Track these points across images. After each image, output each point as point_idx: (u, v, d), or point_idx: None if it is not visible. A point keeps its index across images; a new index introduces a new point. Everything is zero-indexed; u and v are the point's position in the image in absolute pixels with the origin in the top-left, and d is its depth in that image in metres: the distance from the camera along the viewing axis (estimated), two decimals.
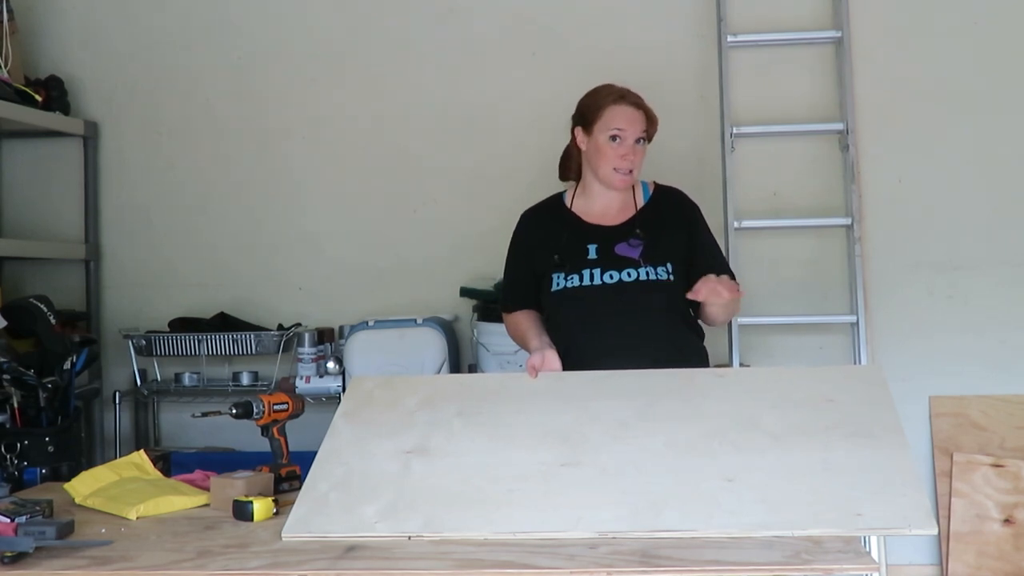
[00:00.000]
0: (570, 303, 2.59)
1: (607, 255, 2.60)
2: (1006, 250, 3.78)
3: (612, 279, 2.57)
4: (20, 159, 4.27)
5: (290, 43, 4.14)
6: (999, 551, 3.62)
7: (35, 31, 4.22)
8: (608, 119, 2.63)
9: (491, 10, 4.04)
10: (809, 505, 1.93)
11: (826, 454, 2.07)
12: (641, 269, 2.57)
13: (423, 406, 2.34)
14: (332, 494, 2.08)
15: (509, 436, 2.21)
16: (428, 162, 4.06)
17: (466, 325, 3.89)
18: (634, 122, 2.63)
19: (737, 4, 3.84)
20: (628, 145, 2.61)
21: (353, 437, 2.27)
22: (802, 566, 1.77)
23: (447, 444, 2.20)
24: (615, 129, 2.61)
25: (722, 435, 2.14)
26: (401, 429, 2.26)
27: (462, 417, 2.29)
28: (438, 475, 2.10)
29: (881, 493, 1.96)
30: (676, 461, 2.08)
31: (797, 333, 3.80)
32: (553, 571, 1.76)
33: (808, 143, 3.86)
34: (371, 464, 2.17)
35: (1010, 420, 3.72)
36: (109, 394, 4.02)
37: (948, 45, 3.81)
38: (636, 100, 2.66)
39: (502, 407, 2.32)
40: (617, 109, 2.63)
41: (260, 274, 4.14)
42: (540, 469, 2.09)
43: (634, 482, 2.03)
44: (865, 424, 2.16)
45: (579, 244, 2.63)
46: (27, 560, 1.85)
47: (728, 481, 2.01)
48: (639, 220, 2.66)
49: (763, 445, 2.10)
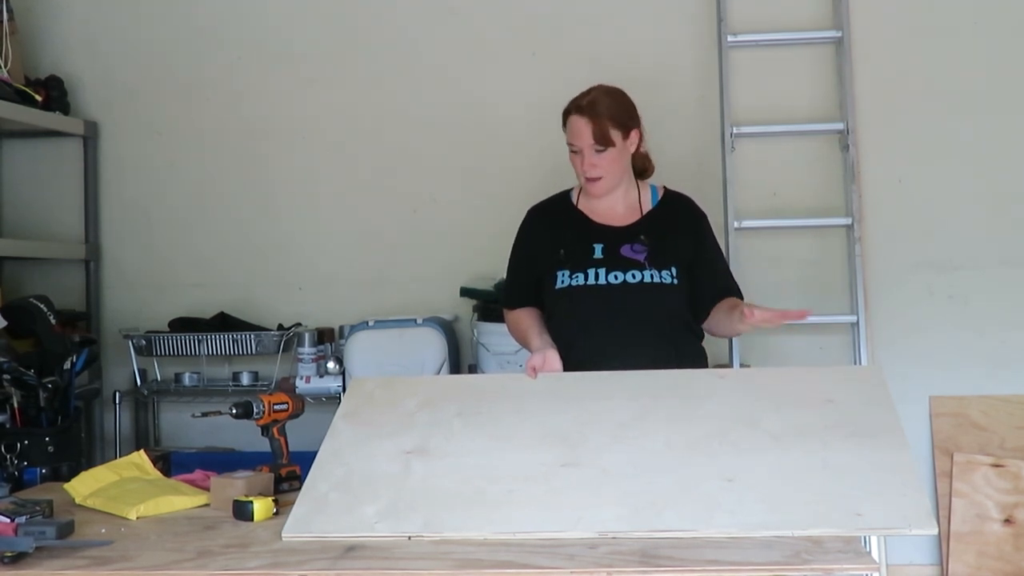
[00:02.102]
0: (573, 301, 2.60)
1: (613, 255, 2.61)
2: (1006, 250, 3.78)
3: (617, 279, 2.57)
4: (20, 159, 4.27)
5: (290, 43, 4.14)
6: (999, 551, 3.62)
7: (35, 31, 4.22)
8: (567, 131, 2.64)
9: (491, 10, 4.04)
10: (809, 505, 1.94)
11: (826, 454, 2.07)
12: (646, 271, 2.57)
13: (423, 407, 2.34)
14: (332, 494, 2.08)
15: (509, 436, 2.21)
16: (428, 162, 4.07)
17: (466, 325, 3.89)
18: (582, 134, 2.59)
19: (737, 4, 3.84)
20: (585, 155, 2.61)
21: (353, 438, 2.27)
22: (802, 566, 1.77)
23: (447, 444, 2.20)
24: (569, 144, 2.64)
25: (722, 435, 2.14)
26: (401, 430, 2.26)
27: (462, 417, 2.29)
28: (438, 475, 2.11)
29: (881, 493, 1.96)
30: (676, 461, 2.08)
31: (797, 333, 3.80)
32: (553, 571, 1.76)
33: (808, 143, 3.86)
34: (371, 464, 2.17)
35: (1010, 420, 3.72)
36: (109, 394, 4.02)
37: (948, 45, 3.81)
38: (585, 108, 2.59)
39: (502, 407, 2.32)
40: (571, 120, 2.62)
41: (260, 274, 4.14)
42: (540, 470, 2.09)
43: (634, 482, 2.03)
44: (865, 424, 2.16)
45: (585, 243, 2.63)
46: (27, 560, 1.85)
47: (728, 481, 2.01)
48: (645, 224, 2.66)
49: (763, 445, 2.10)
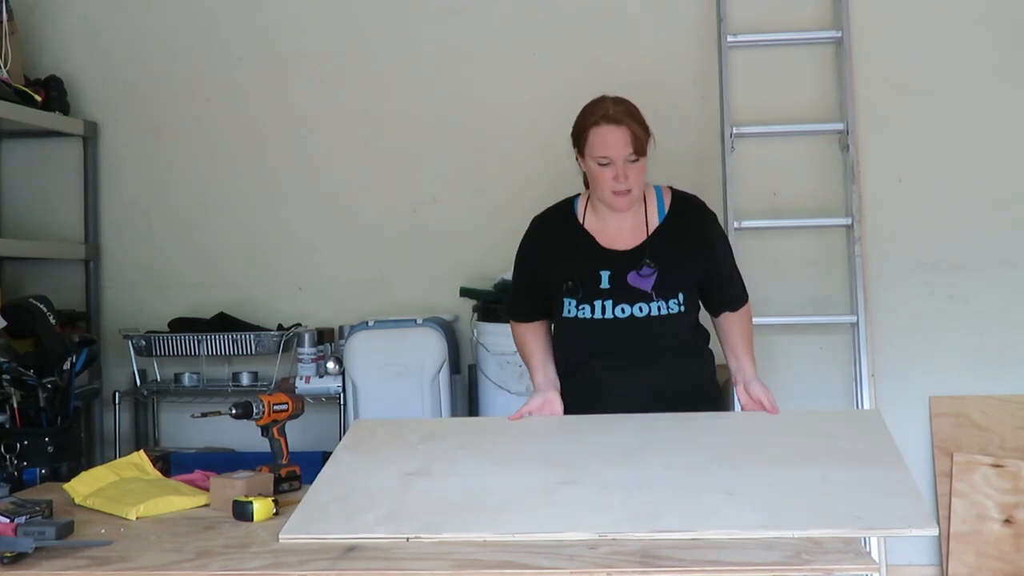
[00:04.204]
0: (580, 331, 2.57)
1: (619, 285, 2.54)
2: (1006, 250, 3.78)
3: (624, 313, 2.53)
4: (20, 159, 4.27)
5: (289, 43, 4.14)
6: (999, 551, 3.62)
7: (35, 31, 4.22)
8: (593, 144, 2.48)
9: (491, 10, 4.04)
10: (809, 509, 1.94)
11: (826, 472, 2.07)
12: (653, 304, 2.53)
13: (425, 440, 2.35)
14: (331, 505, 2.07)
15: (511, 461, 2.23)
16: (428, 162, 4.07)
17: (466, 325, 3.89)
18: (618, 143, 2.46)
19: (737, 4, 3.84)
20: (618, 167, 2.48)
21: (354, 463, 2.26)
22: (802, 566, 1.77)
23: (449, 468, 2.20)
24: (600, 156, 2.49)
25: (722, 459, 2.16)
26: (403, 457, 2.26)
27: (464, 449, 2.30)
28: (439, 490, 2.10)
29: (880, 498, 1.97)
30: (677, 479, 2.09)
31: (797, 333, 3.80)
32: (553, 571, 1.76)
33: (808, 143, 3.86)
34: (371, 482, 2.15)
35: (1010, 420, 3.72)
36: (109, 394, 4.02)
37: (948, 45, 3.81)
38: (617, 117, 2.47)
39: (504, 440, 2.35)
40: (599, 132, 2.47)
41: (260, 274, 4.15)
42: (541, 486, 2.09)
43: (634, 494, 2.04)
44: (864, 451, 2.19)
45: (591, 268, 2.56)
46: (27, 560, 1.85)
47: (728, 494, 2.01)
48: (652, 245, 2.56)
49: (763, 467, 2.12)
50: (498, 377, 3.66)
